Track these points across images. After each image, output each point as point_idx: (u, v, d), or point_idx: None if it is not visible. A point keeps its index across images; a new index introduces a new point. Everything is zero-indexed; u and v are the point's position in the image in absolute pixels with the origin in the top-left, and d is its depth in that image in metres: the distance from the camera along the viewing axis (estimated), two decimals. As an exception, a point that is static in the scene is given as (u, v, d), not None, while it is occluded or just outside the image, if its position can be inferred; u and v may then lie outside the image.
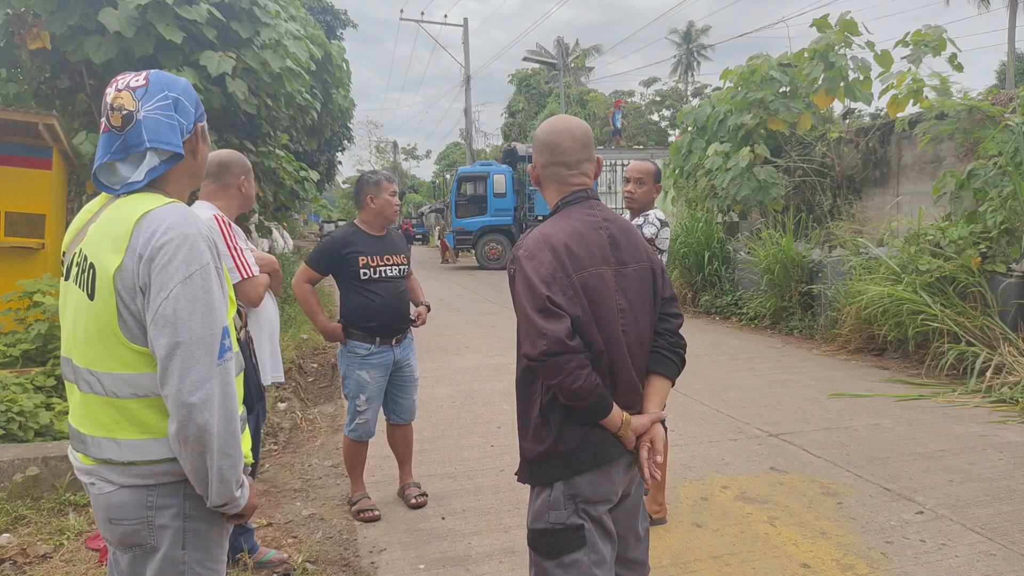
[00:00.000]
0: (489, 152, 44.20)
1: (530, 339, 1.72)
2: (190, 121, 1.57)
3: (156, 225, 1.44)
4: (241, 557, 2.97)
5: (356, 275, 3.57)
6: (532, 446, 1.83)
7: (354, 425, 3.65)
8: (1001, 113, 7.35)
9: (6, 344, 4.74)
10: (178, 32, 5.45)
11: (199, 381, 1.39)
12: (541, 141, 1.94)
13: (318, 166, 17.56)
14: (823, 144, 10.65)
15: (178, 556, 1.51)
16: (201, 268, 1.43)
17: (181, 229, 1.44)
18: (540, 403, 1.81)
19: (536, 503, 1.83)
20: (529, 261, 1.76)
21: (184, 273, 1.41)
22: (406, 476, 3.95)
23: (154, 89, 1.54)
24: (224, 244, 2.67)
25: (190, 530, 1.52)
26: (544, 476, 1.81)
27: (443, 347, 8.54)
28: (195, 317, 1.41)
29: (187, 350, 1.40)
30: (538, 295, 1.72)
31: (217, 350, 1.43)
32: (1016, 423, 5.08)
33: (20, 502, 3.47)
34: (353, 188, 3.83)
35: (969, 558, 3.12)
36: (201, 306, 1.42)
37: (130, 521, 1.49)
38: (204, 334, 1.41)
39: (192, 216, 1.49)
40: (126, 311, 1.44)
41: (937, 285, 6.81)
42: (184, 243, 1.43)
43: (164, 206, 1.48)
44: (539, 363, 1.70)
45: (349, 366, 3.62)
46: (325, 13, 21.41)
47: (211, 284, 1.45)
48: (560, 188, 1.94)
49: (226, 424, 1.43)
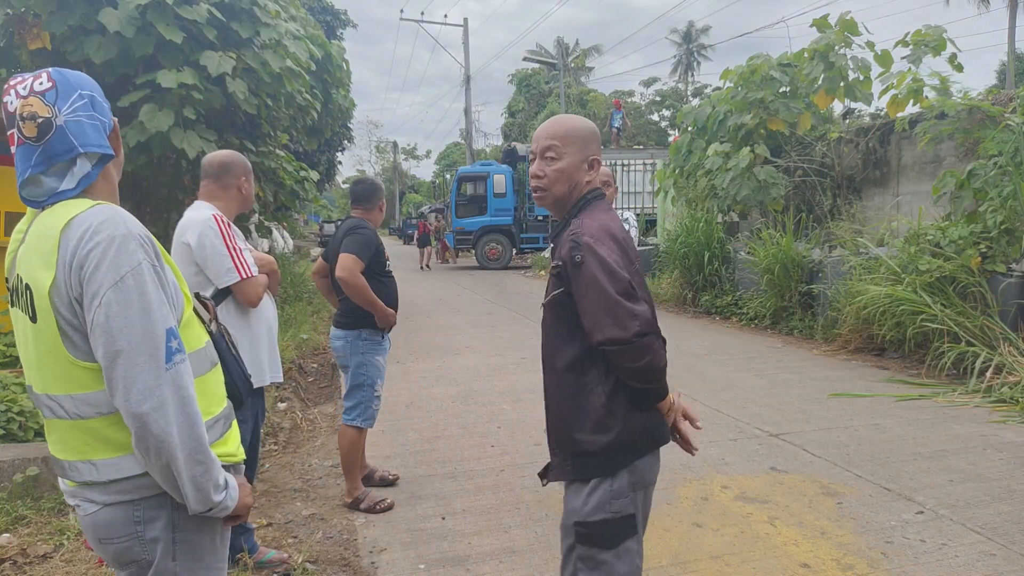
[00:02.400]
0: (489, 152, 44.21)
1: (619, 321, 1.71)
2: (108, 117, 1.49)
3: (82, 231, 1.35)
4: (241, 557, 2.97)
5: (382, 266, 3.76)
6: (595, 437, 1.81)
7: (370, 413, 3.77)
8: (1001, 113, 7.35)
9: (6, 344, 4.74)
10: (178, 32, 5.45)
11: (146, 389, 1.31)
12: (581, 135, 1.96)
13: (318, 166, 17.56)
14: (823, 144, 10.65)
15: (169, 567, 1.46)
16: (132, 270, 1.34)
17: (107, 231, 1.35)
18: (604, 392, 1.81)
19: (595, 495, 1.83)
20: (601, 247, 1.76)
21: (114, 277, 1.32)
22: (365, 463, 4.14)
23: (65, 90, 1.42)
24: (223, 244, 2.69)
25: (180, 541, 1.47)
26: (609, 466, 1.82)
27: (443, 347, 8.54)
28: (132, 322, 1.32)
29: (128, 358, 1.31)
30: (621, 279, 1.74)
31: (163, 354, 1.34)
32: (1016, 423, 5.08)
33: (20, 502, 3.47)
34: (364, 188, 3.85)
35: (969, 558, 3.11)
36: (136, 309, 1.33)
37: (119, 539, 1.44)
38: (143, 339, 1.32)
39: (120, 216, 1.39)
40: (69, 327, 1.36)
41: (937, 285, 6.81)
42: (111, 245, 1.34)
43: (89, 209, 1.39)
44: (628, 345, 1.71)
45: (366, 354, 3.72)
46: (325, 13, 21.40)
47: (145, 285, 1.35)
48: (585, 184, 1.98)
49: (188, 430, 1.35)
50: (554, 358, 1.89)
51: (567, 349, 1.85)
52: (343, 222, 3.89)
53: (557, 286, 1.85)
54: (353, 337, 3.71)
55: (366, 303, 3.60)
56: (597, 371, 1.82)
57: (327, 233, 34.00)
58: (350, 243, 3.59)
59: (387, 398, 5.78)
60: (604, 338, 1.74)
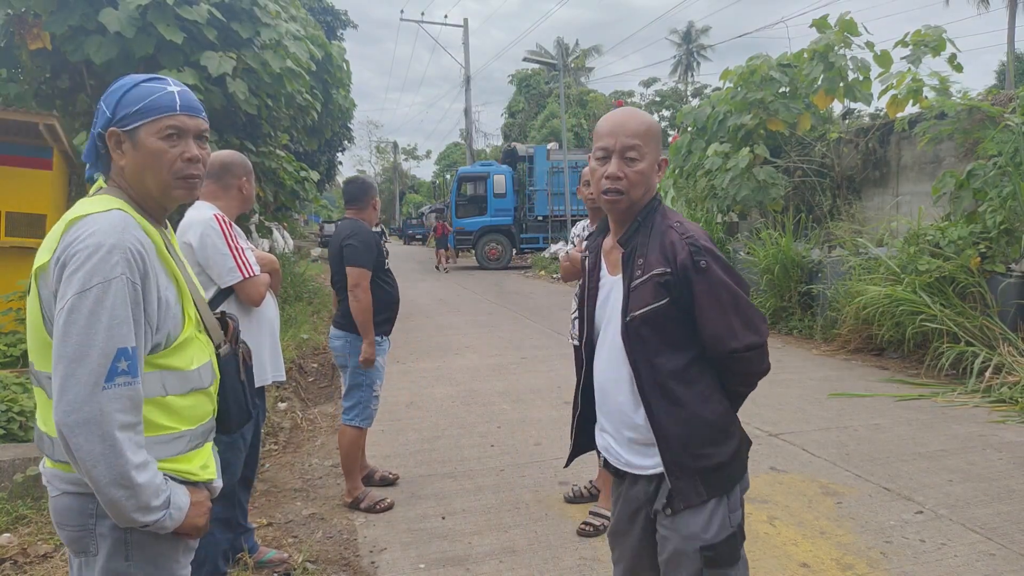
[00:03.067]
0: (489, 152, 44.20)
1: (752, 325, 1.68)
2: (99, 125, 1.51)
3: (81, 231, 1.38)
4: (241, 557, 2.98)
5: (382, 265, 3.77)
6: (721, 448, 1.71)
7: (368, 412, 3.79)
8: (1001, 113, 7.35)
9: (6, 344, 4.75)
10: (178, 32, 5.45)
11: (76, 402, 1.30)
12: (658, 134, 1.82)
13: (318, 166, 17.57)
14: (823, 144, 10.66)
15: (122, 567, 1.45)
16: (105, 282, 1.33)
17: (99, 238, 1.36)
18: (721, 399, 1.74)
19: (717, 512, 1.70)
20: (717, 250, 1.71)
21: (82, 285, 1.32)
22: (365, 462, 4.15)
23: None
24: (225, 244, 2.70)
25: (134, 542, 1.45)
26: (736, 475, 1.74)
27: (443, 347, 8.55)
28: (84, 333, 1.31)
29: (68, 366, 1.31)
30: (742, 282, 1.70)
31: (104, 372, 1.31)
32: (1015, 423, 5.09)
33: (21, 502, 3.47)
34: (356, 187, 3.85)
35: (968, 558, 3.12)
36: (93, 322, 1.32)
37: (72, 527, 1.45)
38: (90, 353, 1.31)
39: (120, 226, 1.40)
40: (46, 312, 1.40)
41: (936, 285, 6.81)
42: (95, 253, 1.34)
43: (101, 212, 1.42)
44: (761, 348, 1.69)
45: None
46: (325, 13, 21.42)
47: (112, 300, 1.33)
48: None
49: (108, 455, 1.31)
50: (653, 373, 1.71)
51: (671, 361, 1.71)
52: (339, 223, 3.90)
53: (660, 296, 1.68)
54: (352, 338, 3.71)
55: (362, 323, 3.63)
56: (709, 378, 1.73)
57: (327, 233, 34.01)
58: (352, 255, 3.62)
59: (387, 398, 5.78)
60: (741, 344, 1.67)
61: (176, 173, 1.51)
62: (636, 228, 1.76)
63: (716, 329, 1.67)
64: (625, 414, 1.77)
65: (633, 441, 1.77)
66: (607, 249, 1.87)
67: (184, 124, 1.51)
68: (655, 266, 1.69)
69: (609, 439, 1.84)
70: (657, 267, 1.68)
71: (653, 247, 1.71)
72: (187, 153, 1.51)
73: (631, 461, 1.77)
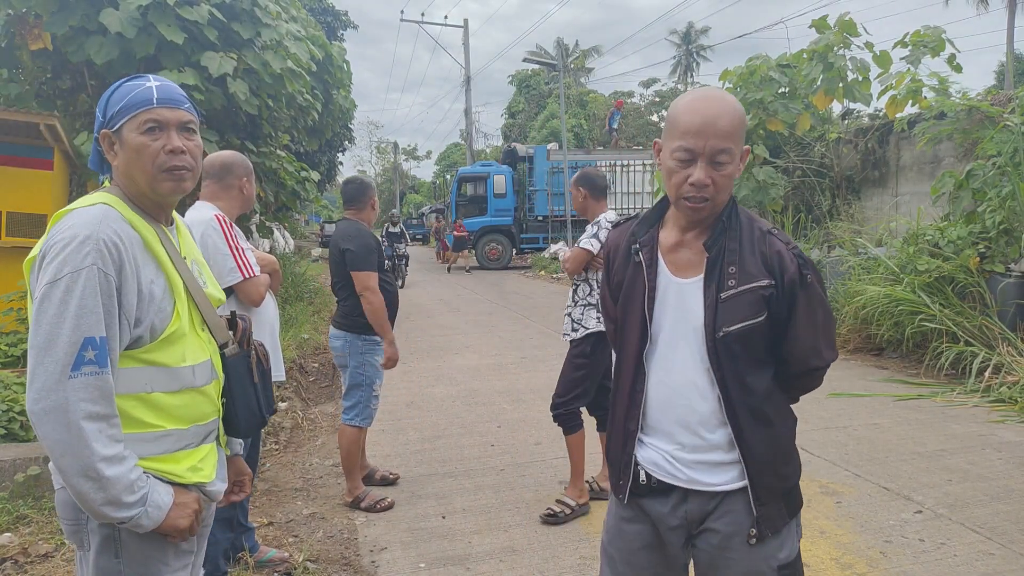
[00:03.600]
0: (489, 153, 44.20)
1: (833, 342, 1.60)
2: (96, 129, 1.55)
3: (62, 224, 1.41)
4: (242, 556, 2.99)
5: (381, 265, 3.77)
6: (795, 466, 1.65)
7: (368, 412, 3.80)
8: (1000, 113, 7.36)
9: (7, 344, 4.75)
10: (179, 33, 5.46)
11: (43, 389, 1.32)
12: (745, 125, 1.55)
13: (319, 167, 17.57)
14: (822, 144, 10.67)
15: (112, 565, 1.46)
16: (73, 272, 1.35)
17: (75, 230, 1.38)
18: (791, 414, 1.66)
19: (789, 532, 1.61)
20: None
21: (54, 275, 1.35)
22: (366, 462, 4.16)
23: None
24: (225, 244, 2.71)
25: (124, 540, 1.45)
26: (800, 497, 1.67)
27: (443, 347, 8.56)
28: (52, 322, 1.33)
29: (37, 355, 1.33)
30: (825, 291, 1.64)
31: (71, 361, 1.32)
32: (1015, 422, 5.09)
33: (21, 501, 3.48)
34: (354, 187, 3.86)
35: (968, 557, 3.13)
36: (61, 311, 1.33)
37: (67, 521, 1.49)
38: (56, 341, 1.32)
39: (98, 218, 1.41)
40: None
41: (936, 285, 6.82)
42: (69, 244, 1.36)
43: (83, 207, 1.45)
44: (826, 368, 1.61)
45: (365, 354, 3.74)
46: (326, 14, 21.43)
47: (82, 290, 1.34)
48: None
49: (73, 445, 1.31)
50: (744, 394, 1.53)
51: (759, 380, 1.55)
52: (337, 224, 3.91)
53: (758, 311, 1.50)
54: (352, 338, 3.73)
55: (379, 326, 3.67)
56: (782, 394, 1.62)
57: (328, 233, 34.01)
58: (355, 259, 3.63)
59: (387, 398, 5.79)
60: (824, 363, 1.57)
61: (160, 166, 1.50)
62: (722, 230, 1.55)
63: (805, 346, 1.55)
64: (698, 430, 1.56)
65: (704, 461, 1.56)
66: (668, 246, 1.61)
67: (163, 116, 1.50)
68: (757, 277, 1.50)
69: (663, 453, 1.60)
70: (761, 279, 1.50)
71: (750, 254, 1.52)
72: (169, 145, 1.50)
73: (695, 478, 1.57)
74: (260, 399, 1.74)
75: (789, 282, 1.50)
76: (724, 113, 1.47)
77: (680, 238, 1.60)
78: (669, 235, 1.62)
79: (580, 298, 3.76)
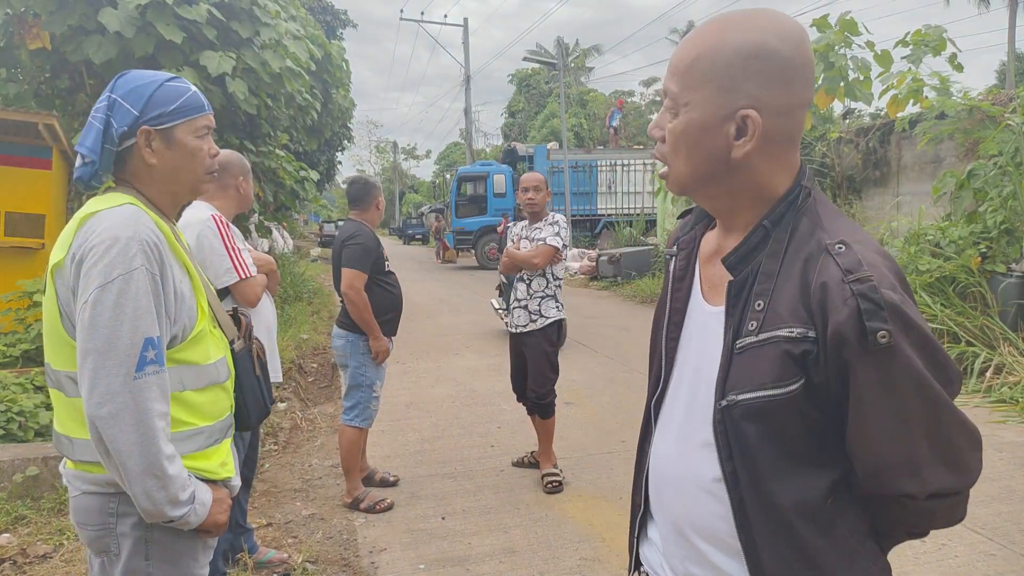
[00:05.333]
0: (489, 152, 44.22)
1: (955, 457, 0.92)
2: (124, 123, 1.46)
3: (95, 226, 1.39)
4: (241, 557, 2.98)
5: (382, 268, 3.76)
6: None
7: (368, 413, 3.79)
8: (1001, 113, 7.35)
9: (6, 344, 4.74)
10: (178, 32, 5.44)
11: (108, 393, 1.32)
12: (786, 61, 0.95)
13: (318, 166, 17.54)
14: (823, 144, 10.66)
15: (141, 567, 1.45)
16: (126, 273, 1.35)
17: (114, 232, 1.37)
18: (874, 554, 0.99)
19: None
20: (911, 309, 0.89)
21: (105, 278, 1.34)
22: (365, 463, 4.17)
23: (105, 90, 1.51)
24: (222, 244, 2.69)
25: (154, 541, 1.46)
26: None
27: (443, 347, 8.54)
28: (111, 324, 1.33)
29: (97, 359, 1.32)
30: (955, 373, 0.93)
31: (135, 363, 1.33)
32: (1016, 423, 5.08)
33: (20, 502, 3.47)
34: (358, 188, 3.86)
35: (969, 558, 3.12)
36: (119, 313, 1.34)
37: (93, 527, 1.46)
38: (119, 344, 1.33)
39: (133, 219, 1.41)
40: (64, 309, 1.41)
41: (937, 285, 6.81)
42: (113, 246, 1.36)
43: (112, 208, 1.43)
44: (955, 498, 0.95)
45: (366, 355, 3.74)
46: (325, 13, 21.42)
47: (135, 291, 1.35)
48: (793, 156, 1.03)
49: (142, 443, 1.33)
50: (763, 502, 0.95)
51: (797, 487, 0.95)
52: (342, 224, 3.91)
53: (787, 375, 0.92)
54: (354, 337, 3.72)
55: (363, 322, 3.65)
56: (854, 516, 0.98)
57: (327, 233, 34.03)
58: (349, 256, 3.63)
59: (387, 398, 5.78)
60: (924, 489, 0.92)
61: (208, 169, 1.59)
62: (761, 238, 0.99)
63: (882, 454, 0.92)
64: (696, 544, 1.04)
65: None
66: (707, 254, 1.12)
67: (212, 123, 1.60)
68: (787, 321, 0.93)
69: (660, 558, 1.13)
70: (791, 324, 0.92)
71: (787, 283, 0.95)
72: (212, 150, 1.59)
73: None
74: (264, 390, 1.79)
75: (835, 337, 0.88)
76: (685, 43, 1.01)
77: (720, 243, 1.09)
78: (712, 238, 1.13)
79: (535, 291, 4.02)
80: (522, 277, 4.06)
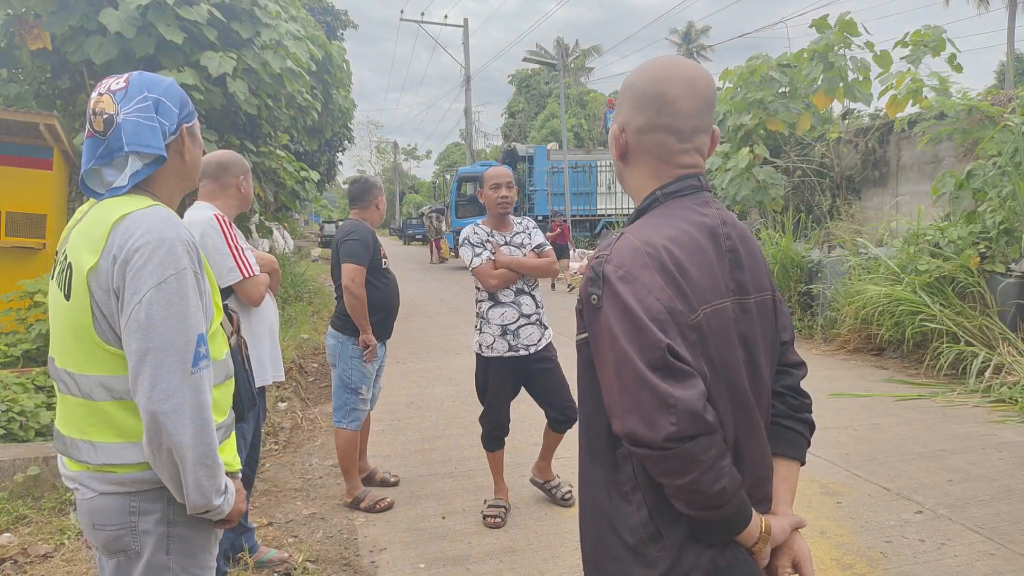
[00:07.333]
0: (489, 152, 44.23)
1: (645, 414, 1.09)
2: (173, 122, 1.52)
3: (133, 228, 1.40)
4: (241, 556, 2.98)
5: (378, 266, 3.74)
6: (631, 570, 1.19)
7: (354, 416, 3.77)
8: (1000, 113, 7.36)
9: (7, 344, 4.75)
10: (179, 32, 5.45)
11: (169, 389, 1.35)
12: (642, 92, 1.26)
13: (319, 166, 17.56)
14: (822, 144, 10.67)
15: (162, 562, 1.48)
16: (177, 273, 1.39)
17: (158, 232, 1.40)
18: (645, 502, 1.18)
19: None
20: (628, 285, 1.13)
21: (158, 277, 1.37)
22: (366, 464, 4.16)
23: (133, 91, 1.50)
24: (225, 243, 2.70)
25: (175, 535, 1.49)
26: None
27: (443, 347, 8.55)
28: (168, 323, 1.37)
29: (157, 356, 1.36)
30: (652, 342, 1.10)
31: (191, 358, 1.38)
32: (1015, 423, 5.09)
33: (21, 502, 3.48)
34: (358, 187, 3.87)
35: (968, 557, 3.12)
36: (175, 311, 1.38)
37: (113, 527, 1.46)
38: (176, 340, 1.37)
39: (172, 220, 1.45)
40: (99, 313, 1.41)
41: (936, 285, 6.82)
42: (160, 247, 1.39)
43: (143, 209, 1.45)
44: (661, 452, 1.08)
45: (354, 358, 3.72)
46: (325, 14, 21.40)
47: (186, 289, 1.40)
48: (660, 169, 1.28)
49: (200, 434, 1.39)
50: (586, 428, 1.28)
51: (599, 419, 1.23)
52: (342, 223, 3.92)
53: (580, 328, 1.25)
54: (344, 339, 3.73)
55: (358, 318, 3.64)
56: (634, 465, 1.19)
57: (327, 233, 34.04)
58: (347, 251, 3.63)
59: (387, 398, 5.79)
60: (625, 431, 1.12)
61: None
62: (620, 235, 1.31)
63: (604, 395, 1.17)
64: None
65: None
66: None
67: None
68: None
69: None
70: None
71: None
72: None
73: None
74: (251, 383, 1.88)
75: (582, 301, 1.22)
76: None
77: None
78: None
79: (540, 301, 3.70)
80: (523, 289, 3.60)
